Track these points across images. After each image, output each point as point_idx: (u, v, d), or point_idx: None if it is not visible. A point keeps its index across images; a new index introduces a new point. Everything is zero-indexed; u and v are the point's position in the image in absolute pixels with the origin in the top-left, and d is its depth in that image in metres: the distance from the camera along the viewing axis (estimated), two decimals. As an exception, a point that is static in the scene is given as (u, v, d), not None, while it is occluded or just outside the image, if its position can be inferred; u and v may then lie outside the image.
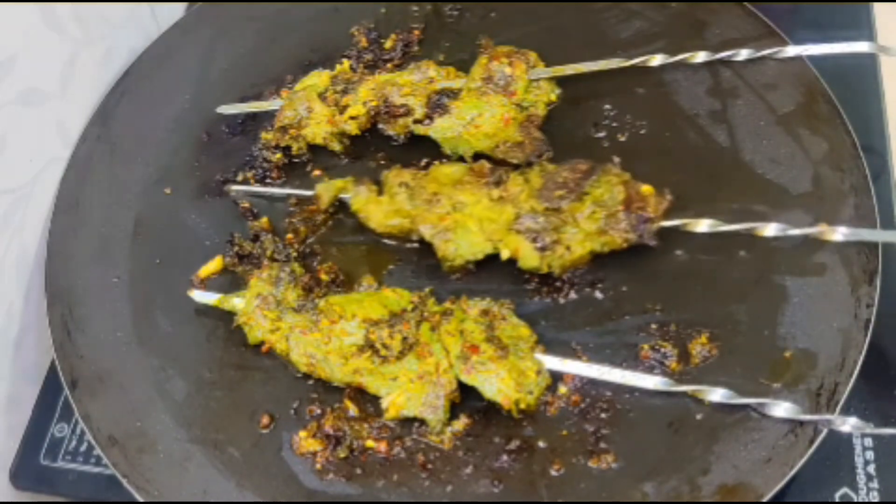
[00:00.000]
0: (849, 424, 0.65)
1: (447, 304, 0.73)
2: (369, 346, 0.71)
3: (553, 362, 0.70)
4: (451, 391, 0.69)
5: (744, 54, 0.82)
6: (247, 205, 0.83)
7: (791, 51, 0.82)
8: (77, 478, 0.79)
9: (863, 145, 0.78)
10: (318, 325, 0.72)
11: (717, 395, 0.67)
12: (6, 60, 0.79)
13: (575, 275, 0.76)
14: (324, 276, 0.78)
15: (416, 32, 0.92)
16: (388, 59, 0.91)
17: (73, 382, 0.76)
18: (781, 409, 0.66)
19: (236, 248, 0.80)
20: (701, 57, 0.82)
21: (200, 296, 0.77)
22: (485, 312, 0.72)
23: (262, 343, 0.75)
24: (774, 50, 0.82)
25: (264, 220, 0.82)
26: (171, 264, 0.81)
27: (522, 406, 0.69)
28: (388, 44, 0.92)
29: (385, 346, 0.71)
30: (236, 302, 0.76)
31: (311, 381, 0.74)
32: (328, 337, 0.72)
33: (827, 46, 0.80)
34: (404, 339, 0.71)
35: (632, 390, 0.69)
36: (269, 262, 0.79)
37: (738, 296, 0.73)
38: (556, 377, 0.71)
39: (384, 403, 0.70)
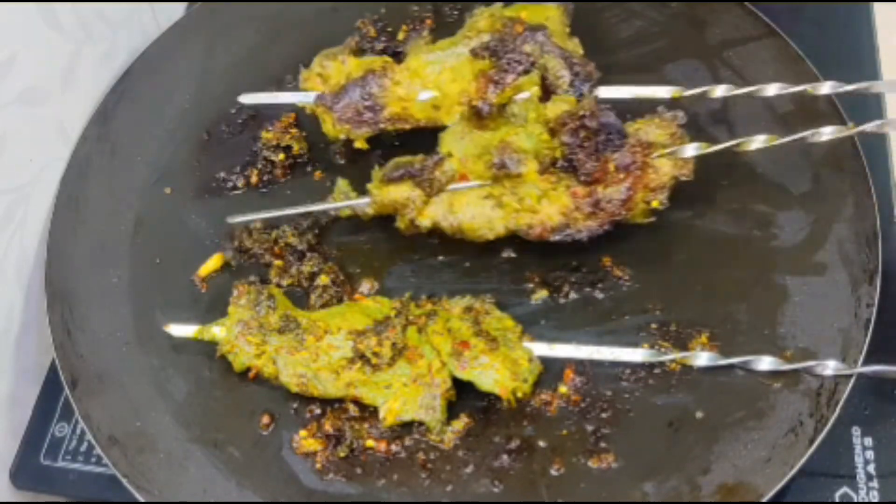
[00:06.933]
0: (830, 368, 0.67)
1: (429, 306, 0.74)
2: (359, 356, 0.71)
3: (541, 348, 0.71)
4: (445, 390, 0.69)
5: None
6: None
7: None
8: (77, 477, 0.78)
9: (863, 145, 0.78)
10: (304, 344, 0.72)
11: (702, 359, 0.69)
12: (6, 60, 0.79)
13: (575, 275, 0.76)
14: (324, 277, 0.78)
15: (429, 21, 0.92)
16: (399, 52, 0.89)
17: (74, 382, 0.75)
18: (765, 363, 0.67)
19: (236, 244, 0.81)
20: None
21: (178, 329, 0.76)
22: (468, 309, 0.72)
23: (248, 370, 0.74)
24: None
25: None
26: (171, 264, 0.81)
27: (519, 395, 0.69)
28: (400, 35, 0.91)
29: (375, 353, 0.70)
30: (216, 331, 0.74)
31: (311, 381, 0.74)
32: (316, 353, 0.71)
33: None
34: (393, 344, 0.71)
35: (632, 390, 0.70)
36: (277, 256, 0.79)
37: (738, 296, 0.73)
38: (556, 377, 0.71)
39: (381, 413, 0.70)
